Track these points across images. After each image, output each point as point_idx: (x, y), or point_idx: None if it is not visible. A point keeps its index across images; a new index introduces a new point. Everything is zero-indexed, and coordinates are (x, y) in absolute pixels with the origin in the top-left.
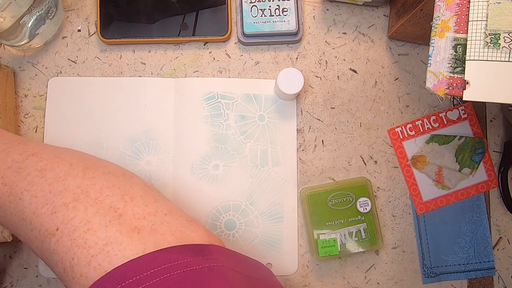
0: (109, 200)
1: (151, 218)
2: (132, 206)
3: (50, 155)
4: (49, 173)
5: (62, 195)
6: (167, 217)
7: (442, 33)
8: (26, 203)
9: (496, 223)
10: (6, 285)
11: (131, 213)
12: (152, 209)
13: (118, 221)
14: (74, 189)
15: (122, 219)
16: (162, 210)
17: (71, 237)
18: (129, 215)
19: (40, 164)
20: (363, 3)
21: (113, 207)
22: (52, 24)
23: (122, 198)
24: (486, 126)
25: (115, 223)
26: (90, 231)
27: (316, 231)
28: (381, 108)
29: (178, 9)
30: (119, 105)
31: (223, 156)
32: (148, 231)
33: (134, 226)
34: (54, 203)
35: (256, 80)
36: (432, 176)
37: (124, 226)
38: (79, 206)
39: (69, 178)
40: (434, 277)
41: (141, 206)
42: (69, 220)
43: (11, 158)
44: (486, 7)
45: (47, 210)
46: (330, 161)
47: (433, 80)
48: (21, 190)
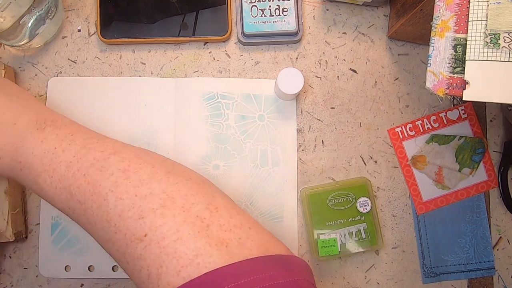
0: (195, 208)
1: (237, 231)
2: (217, 217)
3: (132, 155)
4: (132, 174)
5: (148, 200)
6: (251, 231)
7: (442, 33)
8: (111, 204)
9: (496, 223)
10: (6, 285)
11: (217, 224)
12: (237, 222)
13: (206, 232)
14: (159, 193)
15: (210, 230)
16: (246, 224)
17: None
18: (215, 227)
19: (122, 164)
20: (363, 3)
21: (199, 217)
22: (52, 24)
23: (208, 208)
24: (486, 126)
25: (203, 234)
26: (180, 240)
27: (316, 231)
28: (381, 108)
29: (178, 9)
30: (119, 105)
31: (223, 156)
32: (236, 244)
33: (222, 238)
34: (141, 207)
35: (256, 80)
36: (432, 176)
37: (213, 238)
38: (166, 213)
39: (154, 182)
40: (434, 277)
41: (226, 218)
42: (157, 227)
43: (92, 155)
44: (486, 7)
45: (133, 214)
46: (330, 161)
47: (433, 80)
48: (105, 190)
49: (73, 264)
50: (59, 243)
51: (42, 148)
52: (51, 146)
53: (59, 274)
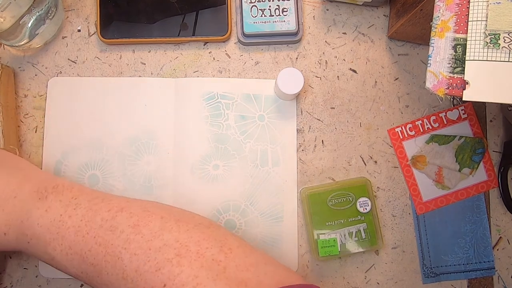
0: (210, 252)
1: (254, 270)
2: (232, 257)
3: (139, 210)
4: (143, 229)
5: (163, 251)
6: (268, 267)
7: (442, 33)
8: (126, 261)
9: (496, 223)
10: (6, 285)
11: (234, 265)
12: (253, 260)
13: (224, 275)
14: (173, 243)
15: (227, 272)
16: (261, 261)
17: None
18: (232, 268)
19: (131, 220)
20: (363, 3)
21: (215, 260)
22: (52, 24)
23: (222, 250)
24: (486, 126)
25: (222, 277)
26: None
27: (316, 231)
28: (381, 108)
29: (178, 9)
30: (119, 105)
31: (223, 156)
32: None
33: (240, 279)
34: (157, 259)
35: (256, 80)
36: (432, 176)
37: (231, 280)
38: (183, 261)
39: (165, 233)
40: (434, 277)
41: (241, 258)
42: (175, 276)
43: (100, 216)
44: (486, 7)
45: (150, 268)
46: (330, 161)
47: (433, 80)
48: (118, 249)
49: None
50: None
51: (48, 217)
52: (57, 213)
53: (59, 274)
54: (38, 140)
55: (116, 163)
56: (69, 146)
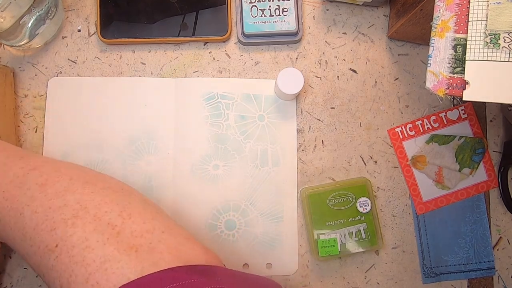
0: (108, 216)
1: (149, 236)
2: (130, 223)
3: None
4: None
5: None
6: (164, 235)
7: (442, 33)
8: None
9: (496, 223)
10: (6, 285)
11: (129, 231)
12: (150, 227)
13: (116, 239)
14: (73, 204)
15: (120, 237)
16: (159, 228)
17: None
18: (127, 233)
19: (40, 179)
20: (363, 3)
21: (111, 224)
22: (52, 24)
23: (120, 215)
24: (486, 126)
25: (113, 241)
26: (88, 248)
27: (316, 231)
28: (381, 108)
29: (178, 9)
30: (119, 105)
31: (223, 156)
32: (146, 250)
33: (132, 244)
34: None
35: (256, 80)
36: (432, 176)
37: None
38: (77, 223)
39: (68, 194)
40: (434, 277)
41: (139, 224)
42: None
43: (12, 172)
44: (486, 7)
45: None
46: (330, 161)
47: (433, 80)
48: (22, 205)
49: None
50: None
51: None
52: None
53: None
54: (38, 140)
55: (116, 163)
56: (69, 146)
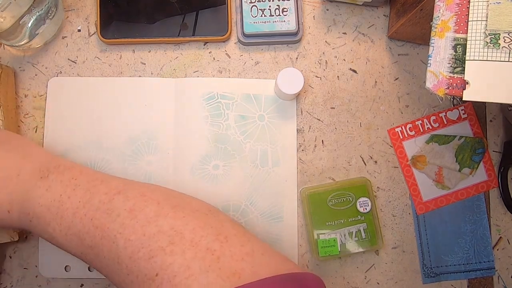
0: (205, 241)
1: (249, 260)
2: (228, 246)
3: (136, 193)
4: (139, 213)
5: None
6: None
7: (442, 33)
8: (121, 247)
9: (496, 223)
10: (6, 285)
11: (228, 255)
12: (249, 249)
13: (218, 265)
14: (168, 230)
15: (221, 262)
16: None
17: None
18: (227, 257)
19: (128, 204)
20: (363, 3)
21: (210, 249)
22: (52, 24)
23: (217, 239)
24: (486, 126)
25: (214, 268)
26: (191, 277)
27: (316, 231)
28: (381, 108)
29: (178, 9)
30: (119, 105)
31: (223, 156)
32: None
33: (234, 269)
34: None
35: (256, 80)
36: (432, 176)
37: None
38: (176, 250)
39: (161, 219)
40: (434, 277)
41: (237, 246)
42: (168, 265)
43: (97, 199)
44: (486, 7)
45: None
46: (330, 161)
47: (433, 80)
48: (114, 233)
49: (73, 264)
50: None
51: (48, 197)
52: (57, 193)
53: (59, 274)
54: (38, 140)
55: (116, 163)
56: (69, 146)
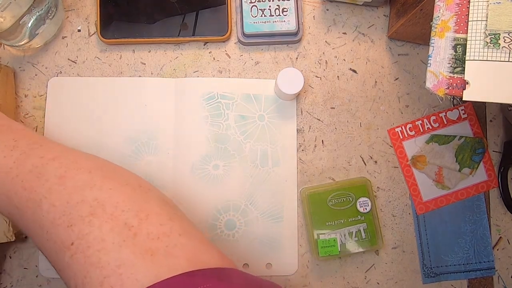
0: (125, 216)
1: (165, 239)
2: (147, 224)
3: (70, 161)
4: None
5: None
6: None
7: (442, 33)
8: (45, 211)
9: (496, 223)
10: (6, 285)
11: (145, 233)
12: (167, 229)
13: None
14: (91, 201)
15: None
16: (176, 230)
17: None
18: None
19: (59, 170)
20: (363, 3)
21: (127, 225)
22: (52, 24)
23: (137, 215)
24: (486, 126)
25: (129, 244)
26: (104, 250)
27: (316, 231)
28: (381, 108)
29: (178, 9)
30: (119, 105)
31: (223, 156)
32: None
33: (148, 247)
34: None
35: (256, 80)
36: (432, 176)
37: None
38: (94, 221)
39: (87, 189)
40: (434, 277)
41: (155, 225)
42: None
43: (31, 161)
44: (486, 7)
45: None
46: (330, 161)
47: (433, 80)
48: (39, 196)
49: None
50: None
51: None
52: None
53: None
54: None
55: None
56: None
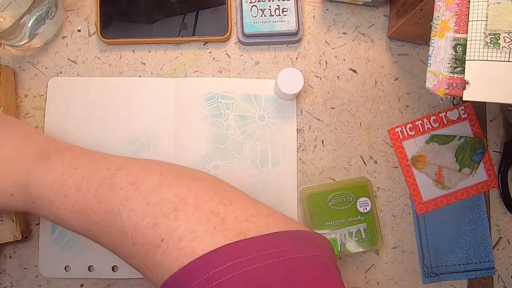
0: (209, 205)
1: (255, 220)
2: (232, 209)
3: (138, 167)
4: (141, 185)
5: (160, 206)
6: (270, 218)
7: (442, 33)
8: (125, 218)
9: (496, 223)
10: (6, 285)
11: (233, 216)
12: (254, 211)
13: (223, 226)
14: (171, 198)
15: (226, 223)
16: (264, 211)
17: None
18: (232, 219)
19: (130, 177)
20: (363, 3)
21: (214, 212)
22: (52, 24)
23: (221, 202)
24: (486, 126)
25: (220, 229)
26: (197, 239)
27: (316, 231)
28: (381, 108)
29: (178, 9)
30: (119, 105)
31: (223, 156)
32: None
33: (240, 230)
34: (154, 214)
35: (256, 80)
36: (432, 176)
37: (230, 231)
38: (180, 215)
39: (164, 188)
40: (434, 277)
41: (241, 209)
42: (173, 230)
43: (99, 175)
44: (486, 7)
45: (148, 223)
46: (330, 161)
47: (433, 80)
48: (117, 205)
49: (73, 264)
50: (59, 243)
51: (50, 177)
52: (59, 173)
53: (59, 274)
54: None
55: None
56: None
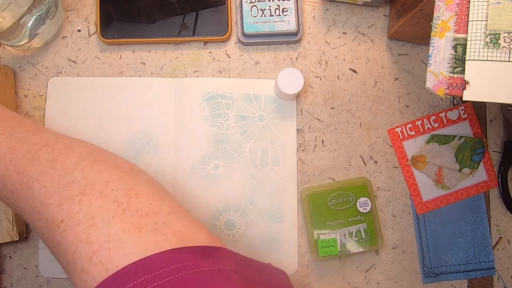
0: (114, 194)
1: (154, 217)
2: (136, 202)
3: (62, 146)
4: (58, 164)
5: (69, 187)
6: (170, 217)
7: (442, 33)
8: (36, 192)
9: (496, 223)
10: (6, 285)
11: (134, 210)
12: (156, 208)
13: (121, 217)
14: (81, 181)
15: (125, 215)
16: (165, 209)
17: (74, 231)
18: (132, 211)
19: (51, 155)
20: (363, 3)
21: (117, 202)
22: (52, 24)
23: (127, 194)
24: (486, 126)
25: (117, 219)
26: (93, 226)
27: (316, 231)
28: (381, 108)
29: (178, 9)
30: (119, 105)
31: (223, 156)
32: (151, 230)
33: (136, 223)
34: (62, 194)
35: (256, 80)
36: (432, 176)
37: (126, 223)
38: (84, 200)
39: (77, 170)
40: (434, 277)
41: (145, 203)
42: (74, 213)
43: (25, 148)
44: (486, 7)
45: (54, 201)
46: (330, 161)
47: (433, 80)
48: (31, 179)
49: None
50: None
51: None
52: None
53: (59, 274)
54: None
55: None
56: None
